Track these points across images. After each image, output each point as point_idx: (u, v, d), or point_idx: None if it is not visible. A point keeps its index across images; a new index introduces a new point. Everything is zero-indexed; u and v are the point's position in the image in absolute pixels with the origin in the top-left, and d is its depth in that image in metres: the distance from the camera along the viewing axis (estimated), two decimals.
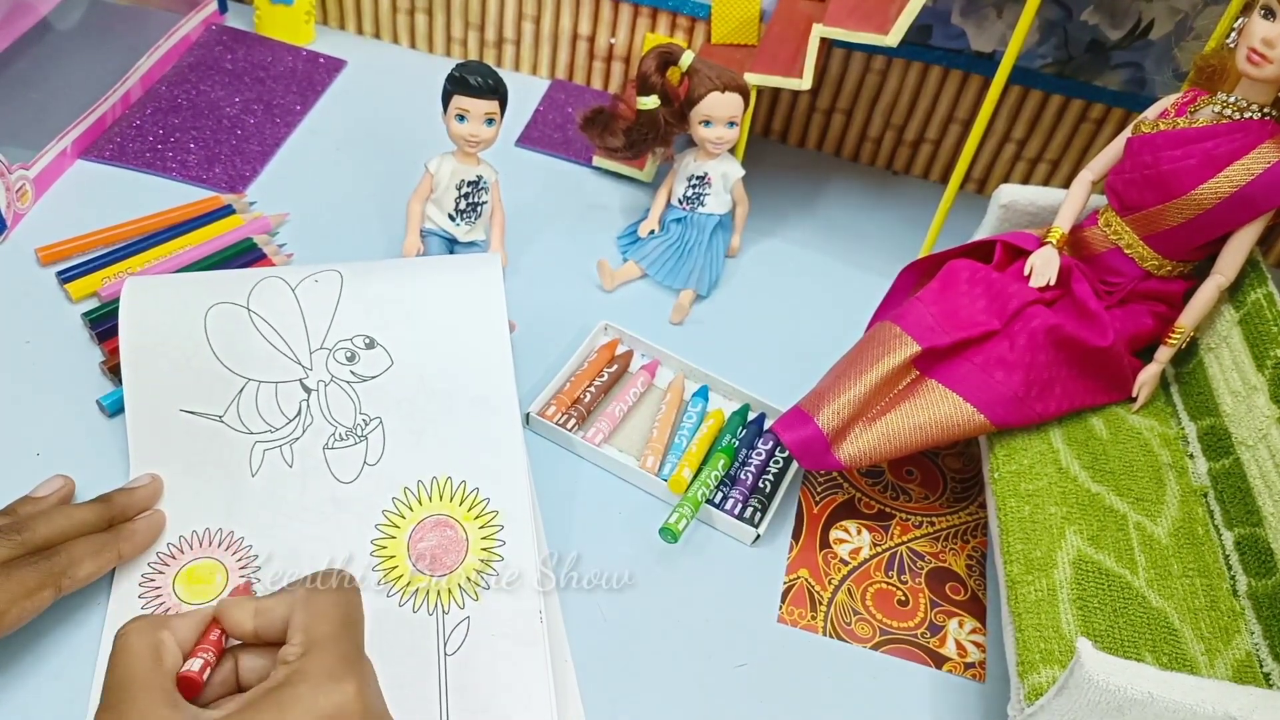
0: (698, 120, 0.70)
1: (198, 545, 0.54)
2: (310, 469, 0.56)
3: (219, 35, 0.89)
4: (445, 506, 0.56)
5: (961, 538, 0.63)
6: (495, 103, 0.65)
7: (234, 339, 0.57)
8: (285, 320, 0.58)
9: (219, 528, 0.54)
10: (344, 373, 0.57)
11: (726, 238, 0.76)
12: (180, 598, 0.52)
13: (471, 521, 0.55)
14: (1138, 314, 0.62)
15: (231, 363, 0.57)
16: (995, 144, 0.86)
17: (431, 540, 0.55)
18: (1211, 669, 0.49)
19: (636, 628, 0.56)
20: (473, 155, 0.68)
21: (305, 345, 0.57)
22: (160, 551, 0.54)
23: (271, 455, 0.56)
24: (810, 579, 0.59)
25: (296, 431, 0.56)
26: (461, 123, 0.65)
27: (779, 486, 0.62)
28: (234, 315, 0.57)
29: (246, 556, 0.54)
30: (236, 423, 0.56)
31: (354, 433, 0.56)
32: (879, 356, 0.58)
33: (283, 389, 0.57)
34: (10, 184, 0.69)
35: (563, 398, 0.64)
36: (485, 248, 0.71)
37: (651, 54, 0.69)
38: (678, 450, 0.63)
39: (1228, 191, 0.57)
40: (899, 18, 0.66)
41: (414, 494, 0.56)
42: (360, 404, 0.57)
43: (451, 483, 0.56)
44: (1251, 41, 0.55)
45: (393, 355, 0.58)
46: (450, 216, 0.69)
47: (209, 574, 0.53)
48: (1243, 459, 0.56)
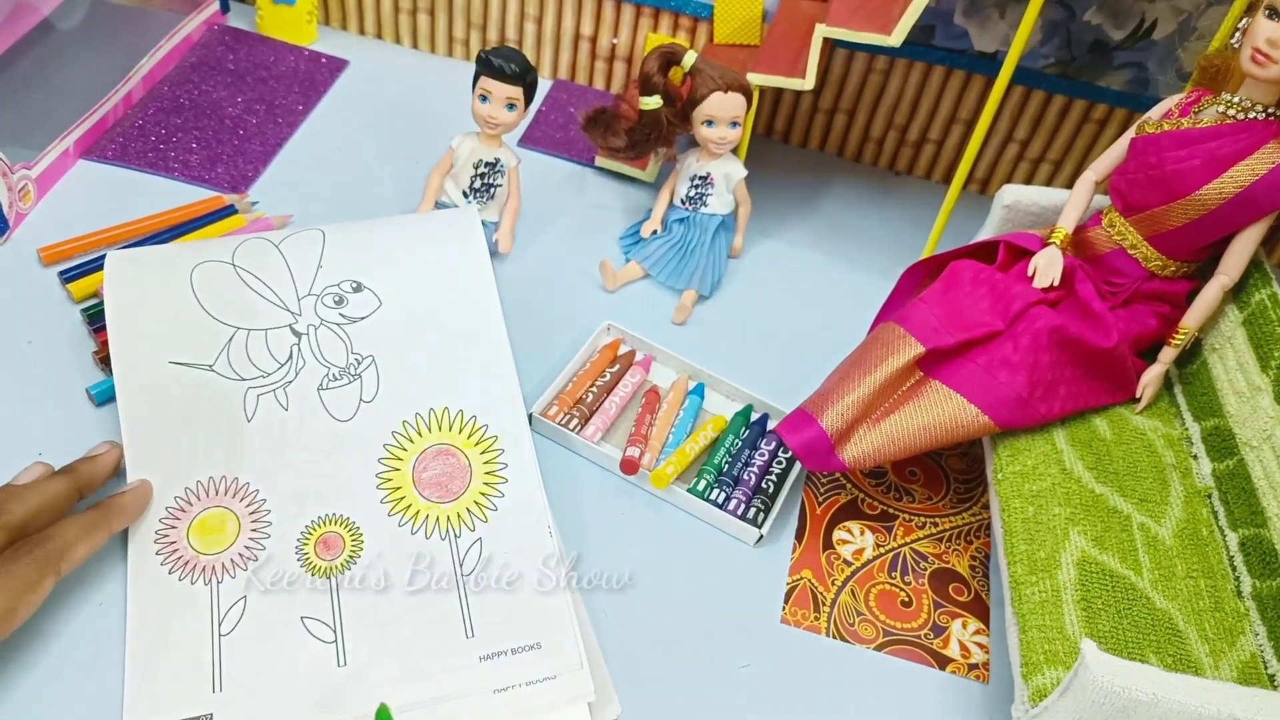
0: (700, 120, 0.70)
1: (205, 495, 0.55)
2: (306, 410, 0.57)
3: (221, 35, 0.89)
4: (445, 435, 0.57)
5: (965, 538, 0.63)
6: (518, 89, 0.66)
7: (221, 292, 0.58)
8: (271, 273, 0.59)
9: (223, 475, 0.55)
10: (333, 315, 0.58)
11: (729, 238, 0.76)
12: (196, 549, 0.53)
13: (472, 448, 0.57)
14: (1141, 315, 0.62)
15: (219, 313, 0.58)
16: (998, 144, 0.86)
17: (436, 469, 0.56)
18: (1216, 670, 0.49)
19: (638, 628, 0.56)
20: (494, 137, 0.69)
21: (293, 293, 0.58)
22: (169, 506, 0.54)
23: (266, 400, 0.57)
24: (813, 580, 0.59)
25: (289, 375, 0.57)
26: (484, 103, 0.67)
27: (782, 487, 0.62)
28: (220, 271, 0.59)
29: (255, 501, 0.55)
30: (227, 370, 0.57)
31: (347, 372, 0.57)
32: (883, 358, 0.58)
33: (272, 335, 0.58)
34: (12, 184, 0.69)
35: (565, 398, 0.64)
36: (493, 229, 0.72)
37: (654, 54, 0.69)
38: (671, 449, 0.63)
39: (1232, 192, 0.57)
40: (902, 18, 0.65)
41: (413, 426, 0.57)
42: (352, 344, 0.58)
43: (449, 412, 0.58)
44: (1255, 42, 0.55)
45: (380, 296, 0.59)
46: (464, 193, 0.70)
47: (220, 523, 0.54)
48: (1247, 460, 0.55)
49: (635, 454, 0.61)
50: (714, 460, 0.62)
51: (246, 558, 0.53)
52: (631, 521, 0.60)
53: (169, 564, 0.53)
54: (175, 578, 0.52)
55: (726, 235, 0.76)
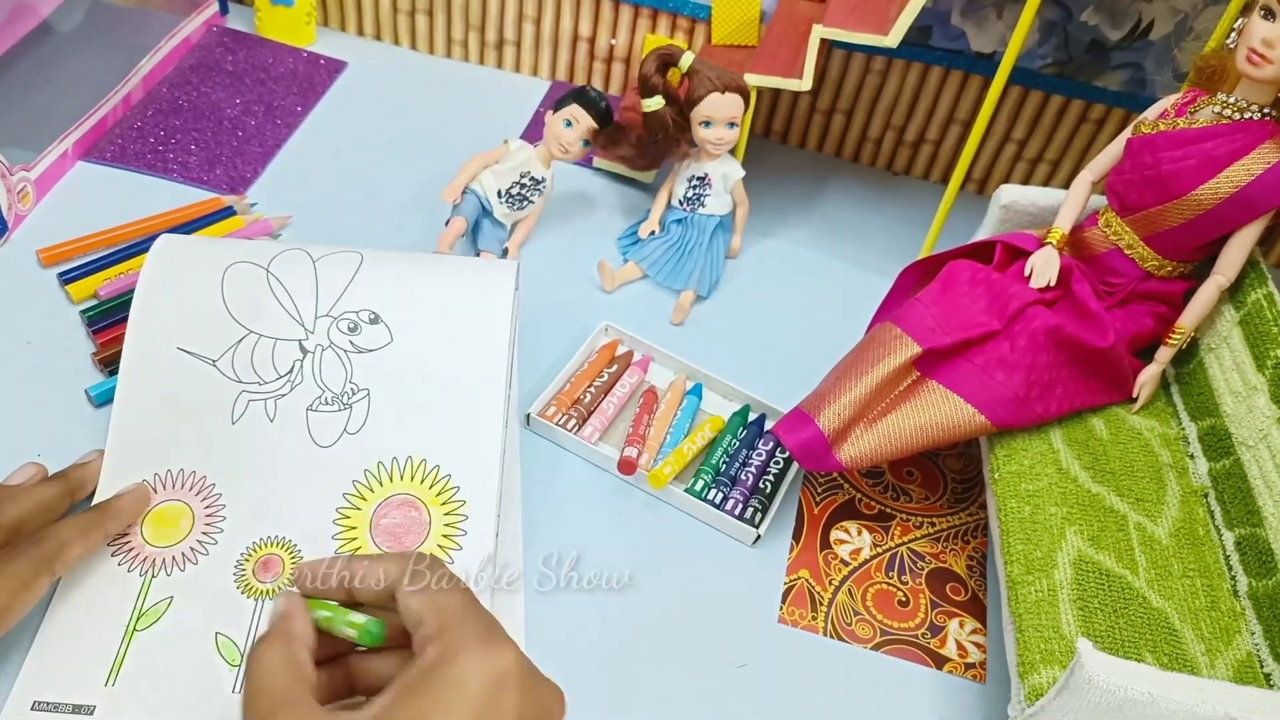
0: (698, 121, 0.70)
1: (170, 486, 0.55)
2: (290, 426, 0.56)
3: (220, 37, 0.89)
4: (414, 487, 0.56)
5: (962, 538, 0.63)
6: (596, 124, 0.71)
7: (246, 293, 0.58)
8: (300, 286, 0.59)
9: (193, 470, 0.55)
10: (343, 341, 0.58)
11: (727, 239, 0.77)
12: (145, 538, 0.54)
13: (437, 506, 0.56)
14: (1138, 314, 0.62)
15: (238, 313, 0.58)
16: (995, 144, 0.86)
17: (395, 518, 0.55)
18: (1212, 669, 0.49)
19: (636, 628, 0.56)
20: (551, 159, 0.73)
21: (313, 311, 0.58)
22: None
23: (255, 407, 0.57)
24: (811, 579, 0.59)
25: (284, 389, 0.57)
26: (567, 128, 0.71)
27: (779, 487, 0.62)
28: (252, 274, 0.59)
29: (214, 505, 0.55)
30: (229, 369, 0.57)
31: (340, 399, 0.57)
32: (880, 357, 0.58)
33: (280, 346, 0.57)
34: (11, 185, 0.69)
35: (563, 398, 0.64)
36: (507, 234, 0.75)
37: (651, 55, 0.69)
38: (669, 449, 0.63)
39: (1228, 192, 0.57)
40: (899, 18, 0.66)
41: (386, 469, 0.56)
42: (352, 372, 0.58)
43: (426, 465, 0.56)
44: (1251, 42, 0.55)
45: (393, 333, 0.58)
46: (499, 192, 0.72)
47: (176, 517, 0.54)
48: (1243, 459, 0.56)
49: (633, 454, 0.61)
50: (711, 460, 0.62)
51: (187, 558, 0.53)
52: (629, 521, 0.60)
53: (113, 546, 0.53)
54: (115, 561, 0.53)
55: (724, 236, 0.76)
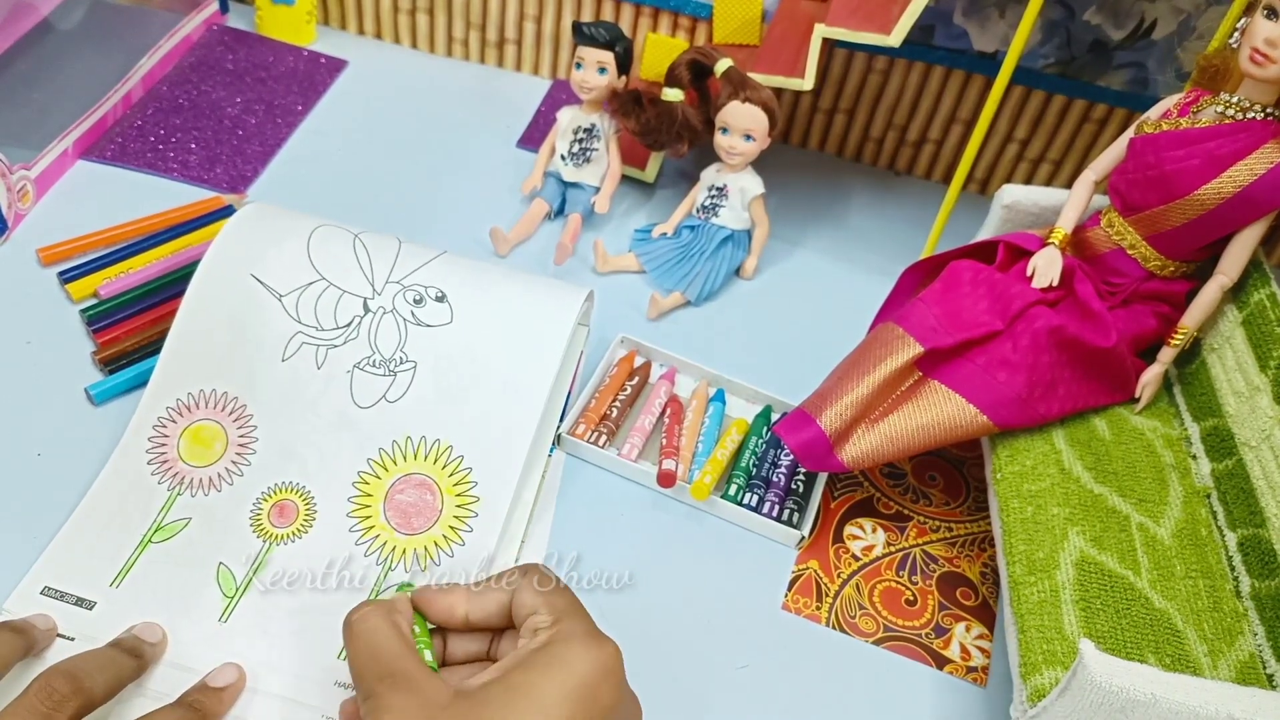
0: (718, 126, 0.71)
1: (211, 405, 0.57)
2: (334, 376, 0.57)
3: (220, 35, 0.89)
4: (434, 470, 0.56)
5: (978, 545, 0.62)
6: (608, 53, 0.72)
7: (330, 247, 0.60)
8: (381, 254, 0.60)
9: (235, 396, 0.57)
10: (406, 310, 0.58)
11: (737, 254, 0.76)
12: (180, 453, 0.56)
13: (451, 495, 0.56)
14: (1140, 314, 0.62)
15: (317, 260, 0.59)
16: (998, 144, 0.86)
17: (410, 496, 0.56)
18: (1215, 670, 0.49)
19: (640, 609, 0.56)
20: (592, 104, 0.75)
21: (386, 275, 0.59)
22: (179, 398, 0.57)
23: (307, 350, 0.58)
24: (819, 570, 0.59)
25: (338, 339, 0.58)
26: (578, 70, 0.73)
27: (812, 486, 0.62)
28: (340, 235, 0.60)
29: (248, 437, 0.56)
30: (292, 308, 0.58)
31: (387, 364, 0.58)
32: (881, 358, 0.58)
33: (345, 299, 0.58)
34: (11, 184, 0.69)
35: (590, 415, 0.64)
36: (591, 192, 0.77)
37: (688, 52, 0.71)
38: (703, 458, 0.63)
39: (1230, 192, 0.57)
40: (901, 18, 0.65)
41: (413, 444, 0.57)
42: (405, 341, 0.58)
43: (451, 452, 0.57)
44: (1254, 42, 0.55)
45: (455, 315, 0.59)
46: (562, 157, 0.77)
47: (210, 439, 0.56)
48: (1246, 460, 0.55)
49: (672, 466, 0.61)
50: (741, 464, 0.63)
51: (213, 484, 0.55)
52: (643, 524, 0.61)
53: (151, 454, 0.55)
54: (150, 469, 0.55)
55: (734, 251, 0.75)
